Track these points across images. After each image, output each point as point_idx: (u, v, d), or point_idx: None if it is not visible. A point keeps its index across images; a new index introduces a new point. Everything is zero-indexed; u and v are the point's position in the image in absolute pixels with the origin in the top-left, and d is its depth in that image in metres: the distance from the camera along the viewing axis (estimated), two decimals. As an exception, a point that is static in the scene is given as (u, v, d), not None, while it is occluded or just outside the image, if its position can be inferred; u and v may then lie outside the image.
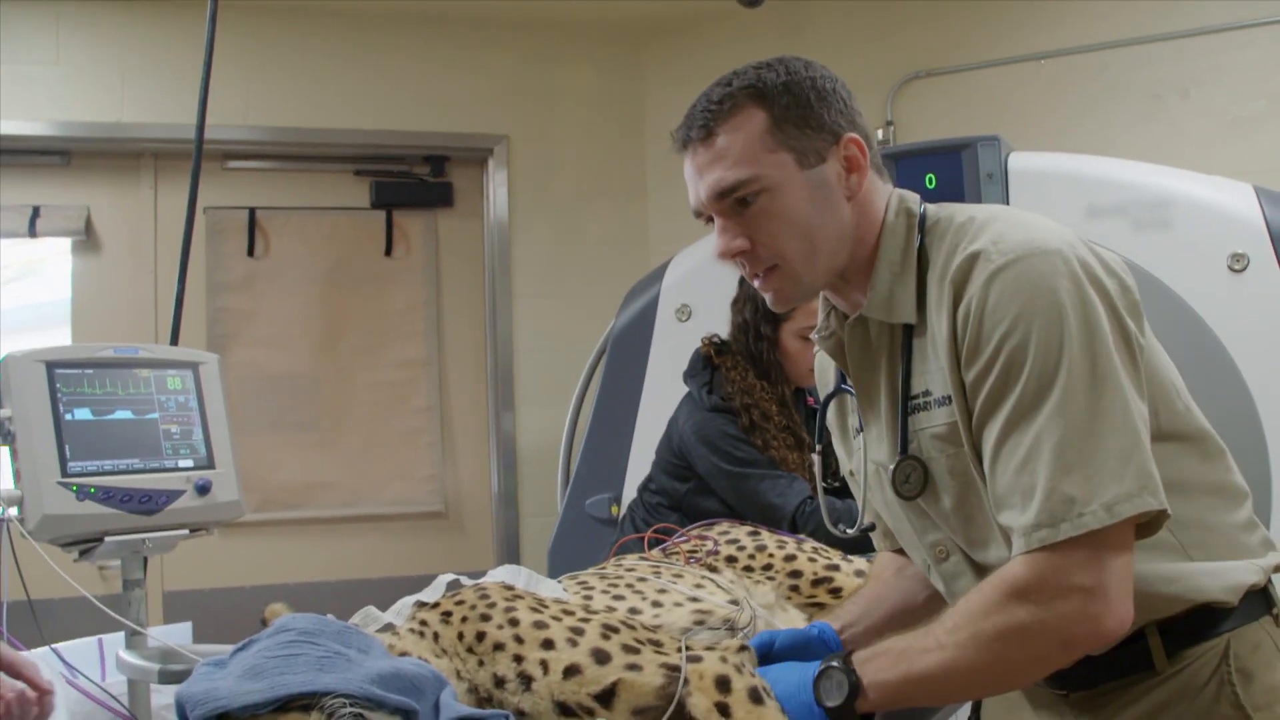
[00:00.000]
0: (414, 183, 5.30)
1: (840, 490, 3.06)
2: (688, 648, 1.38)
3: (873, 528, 1.73)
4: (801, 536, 2.39)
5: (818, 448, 1.81)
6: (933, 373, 1.43)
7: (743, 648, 1.42)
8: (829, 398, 1.71)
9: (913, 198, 1.53)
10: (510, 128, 5.33)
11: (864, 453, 1.60)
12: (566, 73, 5.43)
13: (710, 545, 2.26)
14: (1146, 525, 1.30)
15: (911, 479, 1.46)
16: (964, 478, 1.43)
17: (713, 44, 5.29)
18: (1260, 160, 4.28)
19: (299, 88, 5.02)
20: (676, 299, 3.81)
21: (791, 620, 2.02)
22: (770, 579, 2.20)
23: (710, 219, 1.51)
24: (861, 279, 1.50)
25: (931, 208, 1.51)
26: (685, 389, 3.02)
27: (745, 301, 2.89)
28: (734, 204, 1.45)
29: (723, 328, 3.02)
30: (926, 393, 1.44)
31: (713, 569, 2.12)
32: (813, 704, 1.33)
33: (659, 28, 5.44)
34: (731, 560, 2.27)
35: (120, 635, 2.13)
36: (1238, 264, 3.12)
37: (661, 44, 5.48)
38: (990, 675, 1.32)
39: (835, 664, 1.34)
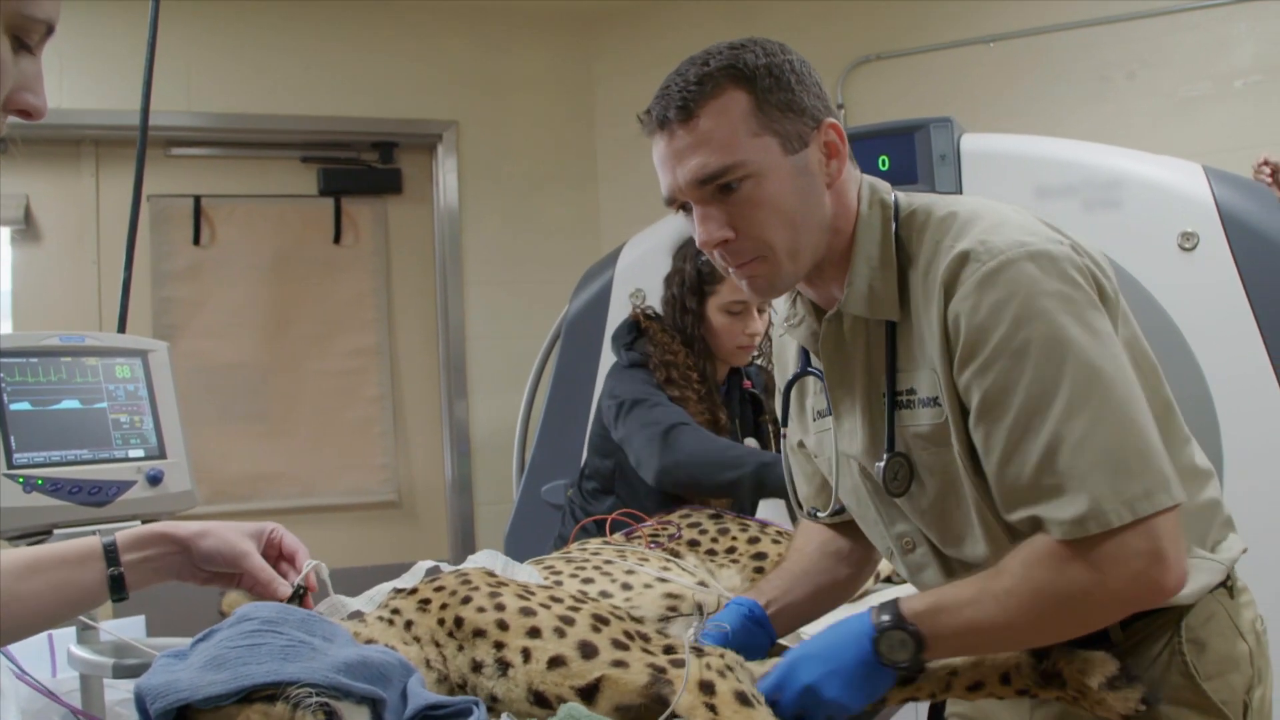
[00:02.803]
0: (362, 170, 5.24)
1: None
2: (674, 649, 1.36)
3: (842, 510, 1.70)
4: (766, 520, 2.38)
5: (784, 430, 1.79)
6: (919, 372, 1.41)
7: (725, 654, 1.40)
8: (793, 380, 1.67)
9: (884, 186, 1.50)
10: (460, 114, 5.28)
11: (833, 440, 1.58)
12: (516, 58, 5.39)
13: (672, 530, 2.25)
14: None
15: (899, 475, 1.44)
16: (944, 475, 1.42)
17: (663, 29, 5.27)
18: (1205, 141, 4.33)
19: (244, 73, 4.95)
20: (630, 283, 3.79)
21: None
22: (734, 562, 2.20)
23: (682, 207, 1.44)
24: (836, 271, 1.46)
25: (903, 197, 1.48)
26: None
27: (674, 275, 2.86)
28: (716, 190, 1.38)
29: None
30: (911, 391, 1.42)
31: (675, 554, 2.11)
32: (877, 663, 1.33)
33: (609, 13, 5.42)
34: (694, 544, 2.26)
35: (71, 630, 2.09)
36: (1188, 243, 3.15)
37: (612, 29, 5.46)
38: (1046, 632, 1.33)
39: (889, 620, 1.33)
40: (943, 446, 1.40)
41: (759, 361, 2.93)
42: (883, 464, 1.45)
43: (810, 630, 1.70)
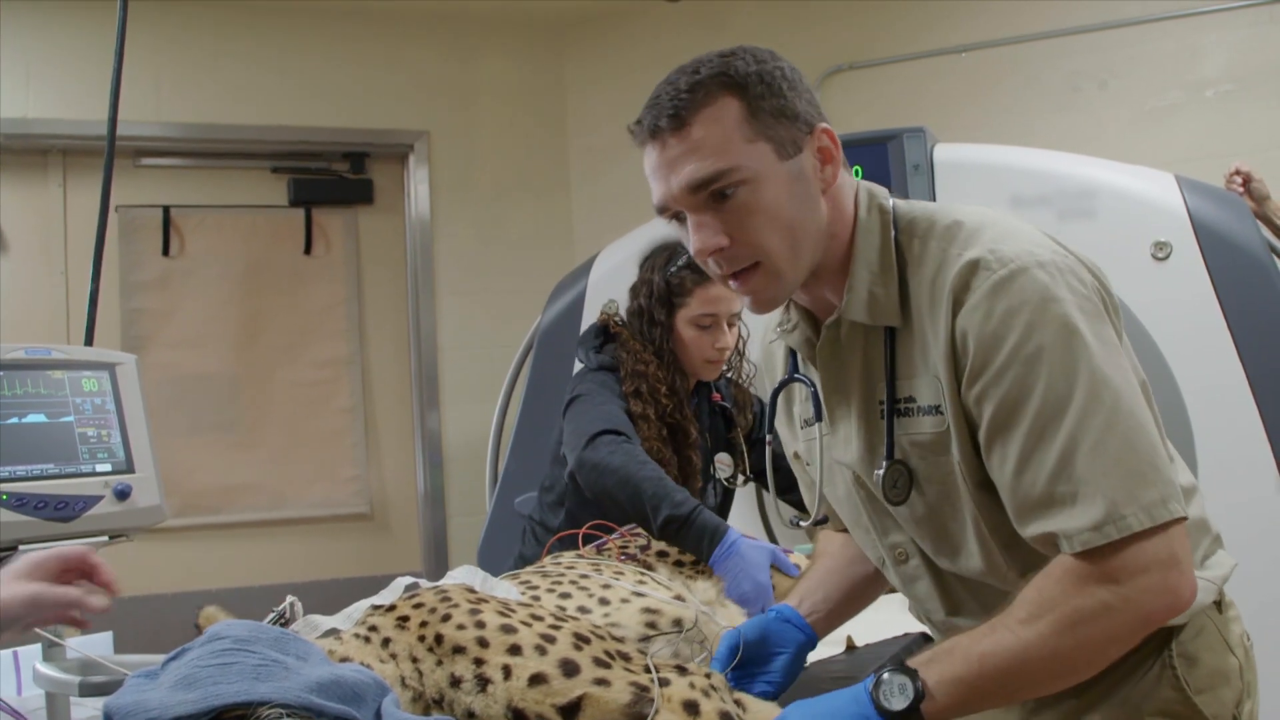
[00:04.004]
0: (333, 180, 5.22)
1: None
2: (657, 667, 1.34)
3: (825, 520, 1.69)
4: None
5: (768, 435, 1.76)
6: (920, 380, 1.39)
7: (711, 674, 1.38)
8: (780, 387, 1.66)
9: (881, 192, 1.48)
10: (431, 123, 5.27)
11: (820, 447, 1.56)
12: (487, 68, 5.38)
13: (643, 540, 2.23)
14: None
15: (899, 484, 1.42)
16: (941, 485, 1.40)
17: (634, 38, 5.28)
18: (1177, 149, 4.36)
19: (213, 83, 4.92)
20: (604, 294, 3.77)
21: (732, 616, 2.00)
22: (702, 574, 2.18)
23: (675, 215, 1.42)
24: (833, 277, 1.44)
25: (901, 204, 1.47)
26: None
27: (642, 286, 2.80)
28: (710, 197, 1.36)
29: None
30: (910, 399, 1.40)
31: (648, 565, 2.10)
32: (872, 713, 1.25)
33: (580, 22, 5.41)
34: (663, 555, 2.24)
35: (37, 647, 2.05)
36: (1161, 252, 3.16)
37: (583, 38, 5.45)
38: (1067, 661, 1.26)
39: (889, 670, 1.27)
40: (942, 455, 1.39)
41: (729, 375, 2.88)
42: (881, 472, 1.43)
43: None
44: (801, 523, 1.71)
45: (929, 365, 1.38)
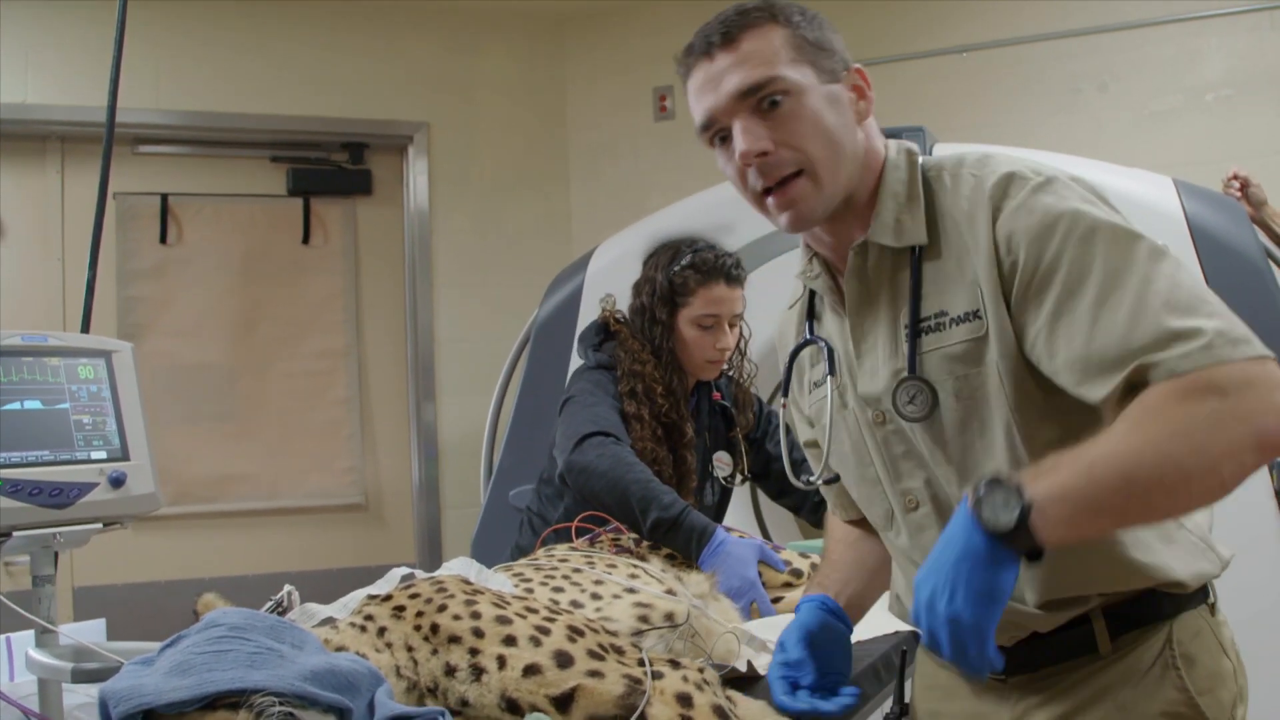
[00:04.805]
0: (332, 170, 5.21)
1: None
2: (651, 660, 1.35)
3: (836, 479, 1.68)
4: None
5: (783, 401, 1.76)
6: (954, 292, 1.42)
7: (704, 669, 1.39)
8: (796, 350, 1.67)
9: (909, 143, 1.54)
10: (431, 115, 5.26)
11: (830, 403, 1.56)
12: (487, 60, 5.38)
13: (635, 534, 2.24)
14: None
15: (918, 399, 1.43)
16: (971, 399, 1.41)
17: (635, 33, 5.28)
18: (1175, 153, 4.37)
19: (213, 71, 4.91)
20: (601, 288, 3.77)
21: (725, 610, 2.01)
22: (695, 566, 2.19)
23: (717, 136, 1.47)
24: (863, 210, 1.49)
25: (926, 157, 1.53)
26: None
27: (645, 284, 2.79)
28: (758, 104, 1.42)
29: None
30: (942, 313, 1.42)
31: (641, 558, 2.10)
32: (986, 543, 1.18)
33: (581, 16, 5.41)
34: (656, 547, 2.25)
35: (30, 634, 2.05)
36: (1157, 255, 3.16)
37: (583, 33, 5.45)
38: (1181, 469, 1.18)
39: (986, 485, 1.19)
40: (974, 366, 1.40)
41: (730, 374, 2.88)
42: (900, 387, 1.45)
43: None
44: (812, 479, 1.70)
45: (965, 274, 1.41)
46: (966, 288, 1.40)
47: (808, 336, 1.64)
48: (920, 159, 1.51)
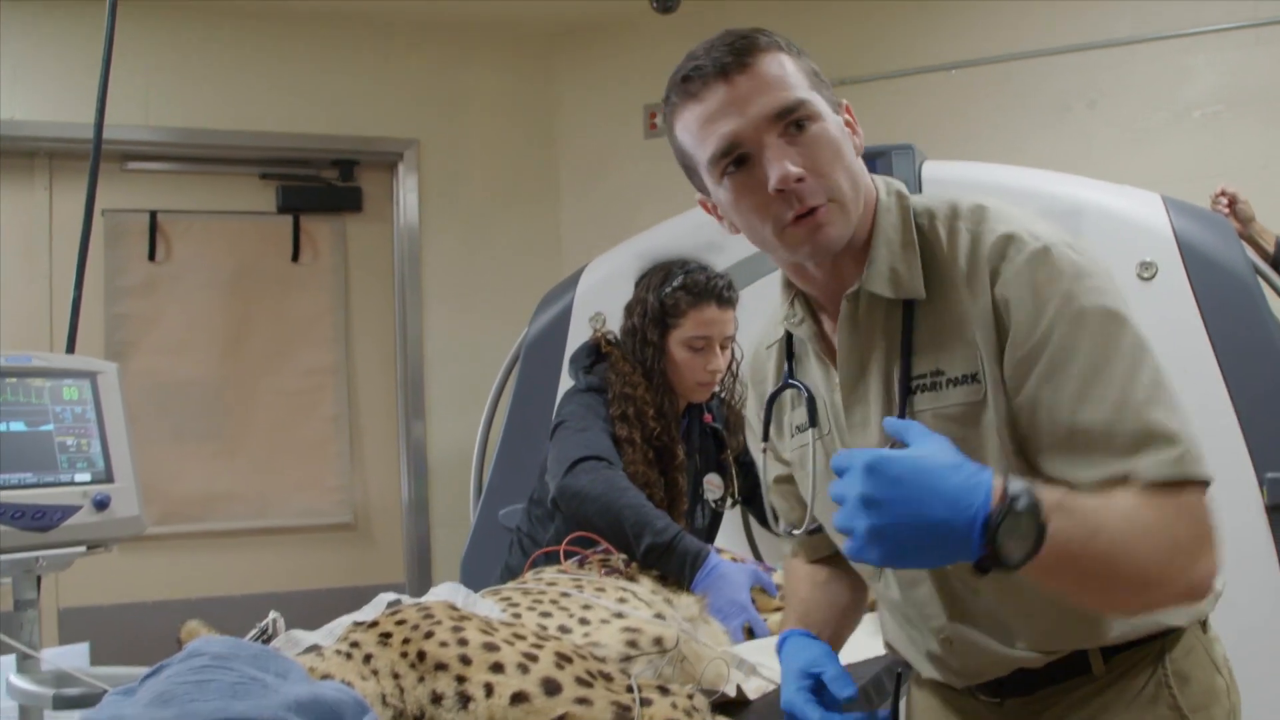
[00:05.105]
0: (322, 187, 5.20)
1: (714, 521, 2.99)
2: (639, 687, 1.33)
3: (819, 529, 1.65)
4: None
5: (763, 445, 1.73)
6: (952, 352, 1.39)
7: (693, 695, 1.37)
8: (775, 393, 1.63)
9: (897, 181, 1.51)
10: (420, 132, 5.26)
11: (812, 451, 1.53)
12: (477, 76, 5.38)
13: (625, 555, 2.23)
14: None
15: None
16: None
17: (625, 49, 5.28)
18: (1164, 170, 4.38)
19: (202, 87, 4.90)
20: (591, 306, 3.77)
21: (714, 633, 1.99)
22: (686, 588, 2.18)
23: (734, 162, 1.38)
24: (858, 252, 1.44)
25: (914, 196, 1.50)
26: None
27: (636, 305, 2.79)
28: (787, 128, 1.37)
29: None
30: (938, 372, 1.39)
31: (631, 578, 2.09)
32: (971, 542, 1.10)
33: (571, 32, 5.41)
34: (645, 568, 2.24)
35: (11, 658, 2.03)
36: (1146, 272, 3.16)
37: (573, 48, 5.46)
38: (1142, 580, 1.20)
39: (1023, 501, 1.11)
40: (971, 428, 1.37)
41: (722, 396, 2.87)
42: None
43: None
44: (795, 531, 1.68)
45: (965, 336, 1.38)
46: (965, 349, 1.37)
47: (787, 379, 1.60)
48: (909, 201, 1.47)
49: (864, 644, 1.88)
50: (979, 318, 1.36)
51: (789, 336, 1.60)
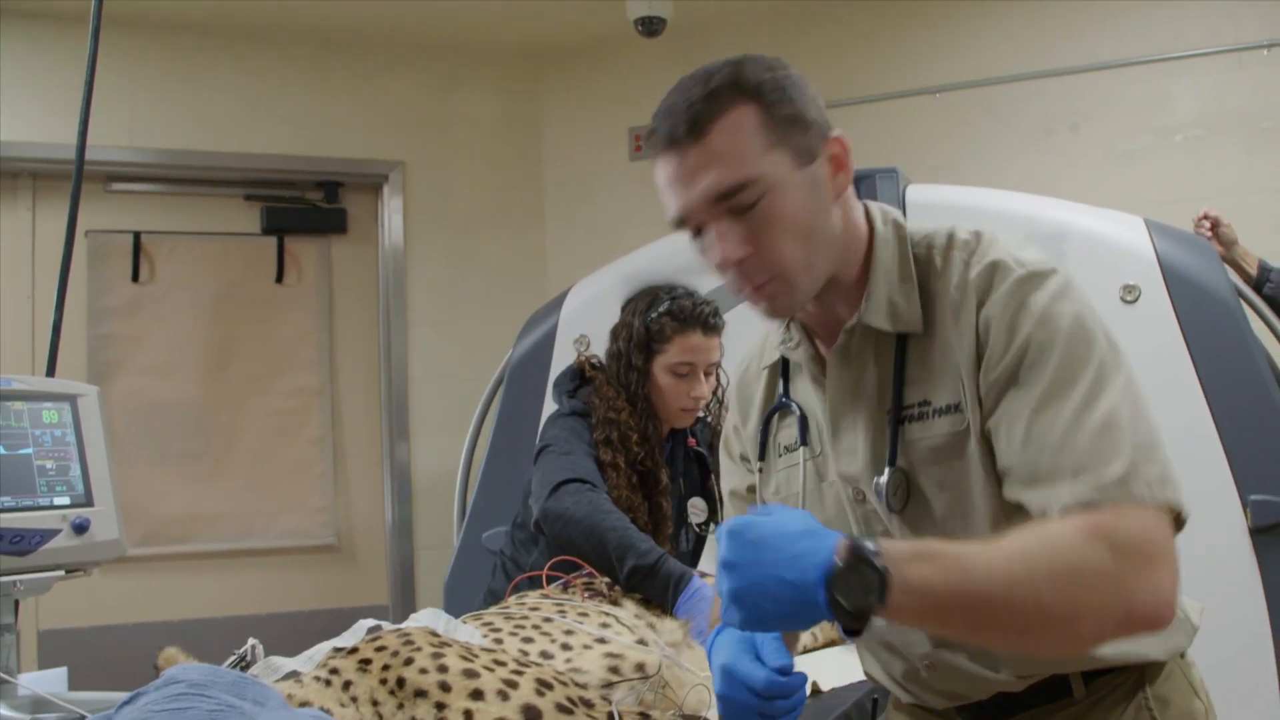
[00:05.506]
0: (306, 209, 5.20)
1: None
2: (620, 714, 1.32)
3: None
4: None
5: (759, 465, 1.73)
6: (939, 381, 1.38)
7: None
8: (771, 412, 1.63)
9: (894, 210, 1.49)
10: (406, 154, 5.26)
11: (803, 471, 1.54)
12: (463, 98, 5.38)
13: (608, 579, 2.22)
14: None
15: (899, 492, 1.40)
16: (954, 491, 1.38)
17: (611, 72, 5.30)
18: (1146, 193, 4.40)
19: (187, 109, 4.90)
20: (575, 328, 3.77)
21: (698, 658, 1.98)
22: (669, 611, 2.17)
23: (695, 230, 1.39)
24: (849, 289, 1.43)
25: (911, 224, 1.49)
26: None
27: (622, 329, 2.79)
28: (731, 208, 1.34)
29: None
30: (925, 402, 1.39)
31: (614, 603, 2.08)
32: (817, 597, 1.11)
33: (557, 53, 5.43)
34: (629, 592, 2.23)
35: (-10, 683, 2.01)
36: (1129, 295, 3.18)
37: (559, 71, 5.47)
38: (1047, 614, 1.15)
39: (861, 552, 1.11)
40: (957, 458, 1.37)
41: (707, 420, 2.87)
42: (884, 479, 1.41)
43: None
44: None
45: (950, 364, 1.37)
46: (950, 378, 1.37)
47: (782, 399, 1.60)
48: (907, 230, 1.46)
49: (846, 668, 1.88)
50: (964, 344, 1.36)
51: (785, 357, 1.60)
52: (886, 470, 1.41)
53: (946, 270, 1.40)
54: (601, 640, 1.69)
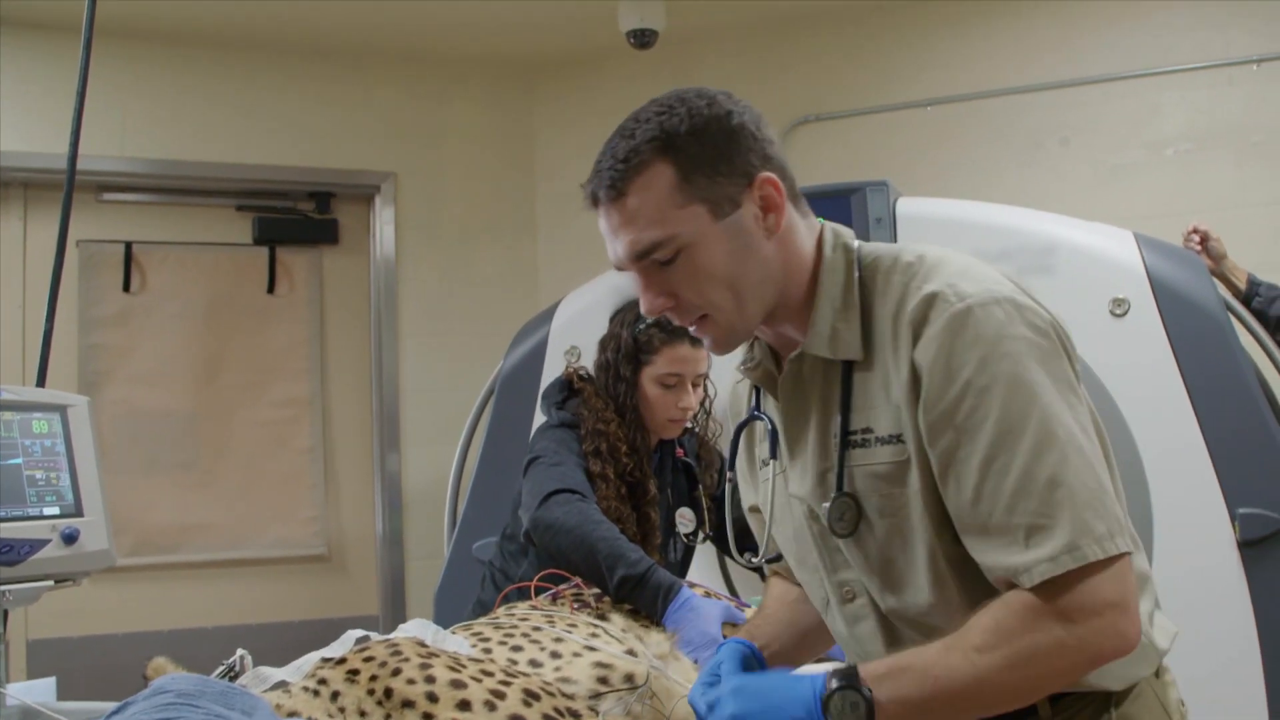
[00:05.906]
0: (298, 219, 5.20)
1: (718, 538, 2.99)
2: None
3: (779, 558, 1.69)
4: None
5: (730, 475, 1.77)
6: (879, 410, 1.40)
7: None
8: (741, 426, 1.67)
9: (847, 233, 1.49)
10: (398, 164, 5.27)
11: (770, 484, 1.56)
12: (455, 109, 5.39)
13: (596, 590, 2.22)
14: None
15: (846, 516, 1.43)
16: (894, 518, 1.40)
17: (603, 83, 5.31)
18: (1136, 207, 4.42)
19: (179, 119, 4.90)
20: (566, 340, 3.77)
21: (685, 670, 1.98)
22: (658, 623, 2.17)
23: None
24: (796, 315, 1.46)
25: (866, 245, 1.49)
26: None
27: (610, 340, 2.80)
28: (652, 263, 1.40)
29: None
30: (868, 430, 1.41)
31: (602, 616, 2.08)
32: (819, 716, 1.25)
33: (549, 65, 5.44)
34: (617, 603, 2.23)
35: (-22, 693, 2.01)
36: (1119, 309, 3.18)
37: (552, 82, 5.48)
38: (1015, 693, 1.29)
39: (843, 682, 1.26)
40: (898, 487, 1.39)
41: (695, 431, 2.88)
42: (829, 504, 1.44)
43: None
44: (754, 559, 1.71)
45: (890, 396, 1.38)
46: (890, 409, 1.39)
47: (754, 412, 1.63)
48: (858, 251, 1.47)
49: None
50: (901, 378, 1.36)
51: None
52: (832, 496, 1.44)
53: (887, 291, 1.41)
54: (591, 649, 1.69)
